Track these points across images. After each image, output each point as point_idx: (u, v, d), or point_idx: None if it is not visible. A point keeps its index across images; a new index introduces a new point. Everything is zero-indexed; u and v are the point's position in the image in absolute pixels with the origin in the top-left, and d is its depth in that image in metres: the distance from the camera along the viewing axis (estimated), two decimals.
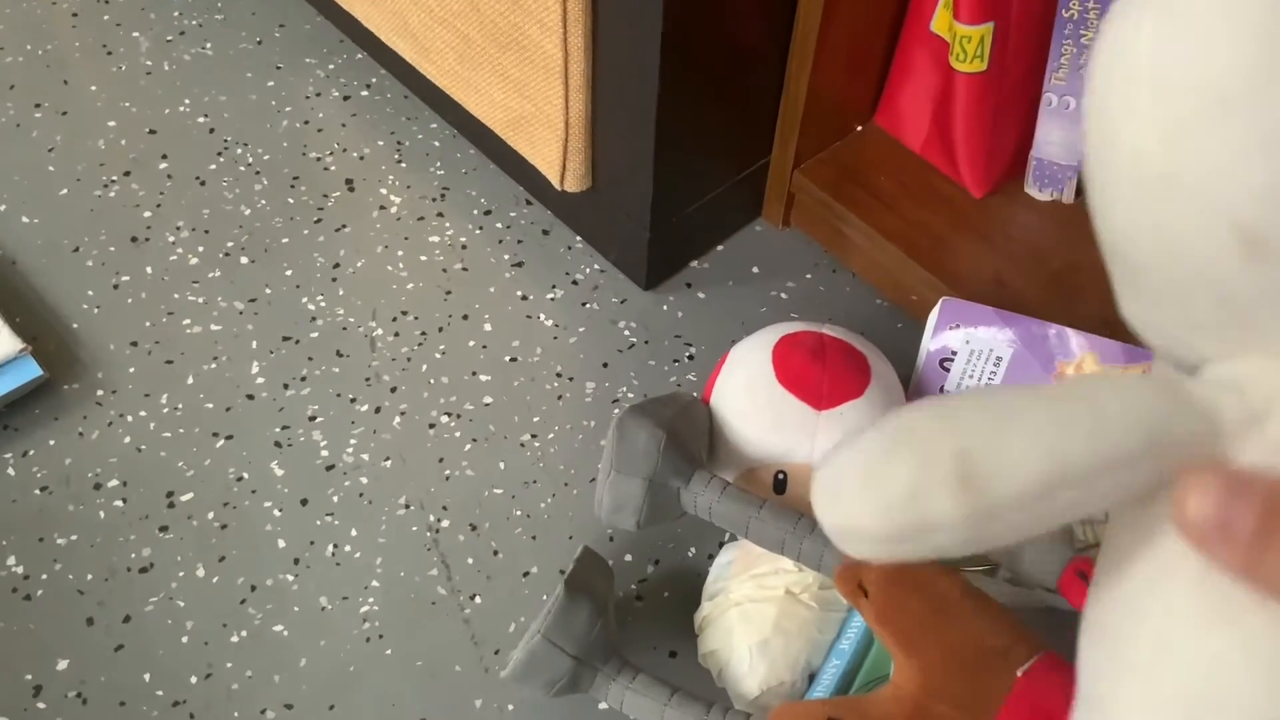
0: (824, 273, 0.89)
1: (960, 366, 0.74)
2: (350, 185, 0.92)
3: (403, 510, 0.76)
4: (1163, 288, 0.32)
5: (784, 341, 0.71)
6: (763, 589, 0.65)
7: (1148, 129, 0.30)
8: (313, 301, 0.85)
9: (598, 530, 0.75)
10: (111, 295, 0.85)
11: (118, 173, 0.92)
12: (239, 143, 0.95)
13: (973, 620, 0.56)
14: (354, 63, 1.00)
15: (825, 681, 0.63)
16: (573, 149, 0.81)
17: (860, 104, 0.87)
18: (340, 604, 0.72)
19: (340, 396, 0.81)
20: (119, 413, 0.79)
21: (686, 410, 0.69)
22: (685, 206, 0.84)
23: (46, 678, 0.68)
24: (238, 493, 0.76)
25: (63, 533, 0.74)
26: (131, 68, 0.99)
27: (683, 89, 0.74)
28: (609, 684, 0.63)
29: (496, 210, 0.91)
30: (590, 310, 0.86)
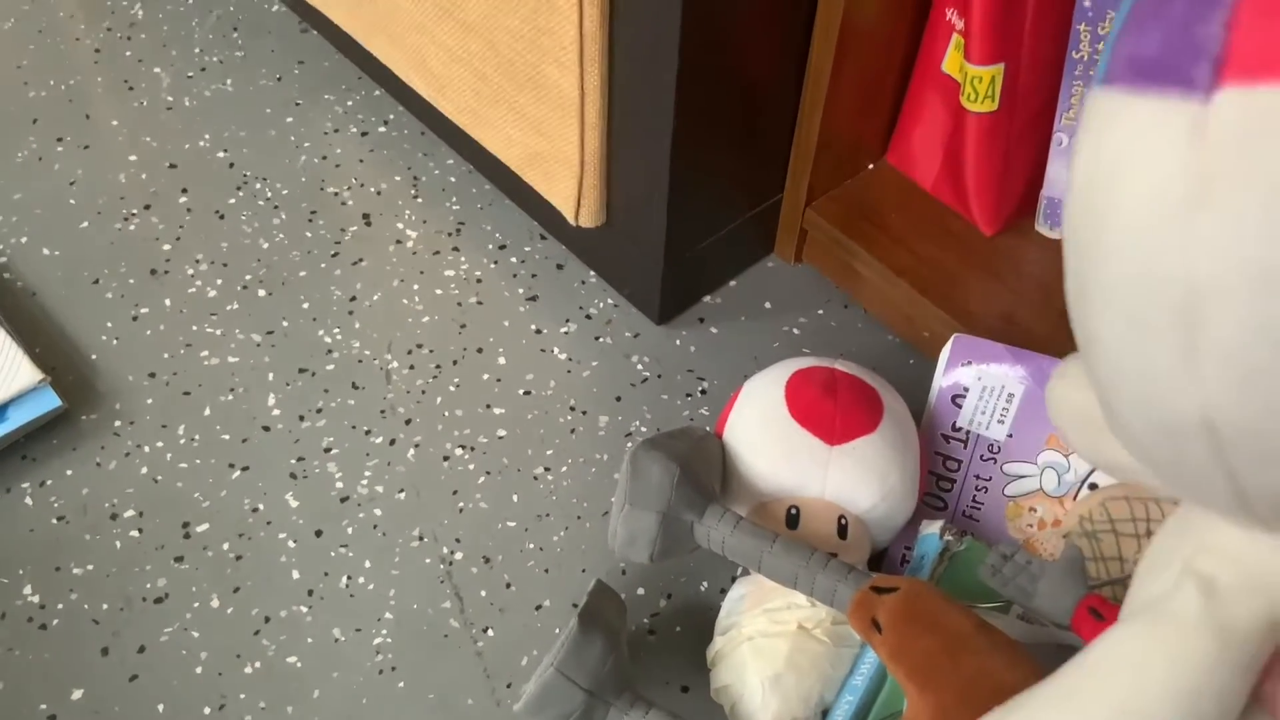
0: (836, 309, 0.89)
1: (972, 403, 0.74)
2: (367, 219, 0.93)
3: (416, 542, 0.76)
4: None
5: (796, 377, 0.72)
6: (775, 624, 0.65)
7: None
8: (329, 334, 0.86)
9: (610, 563, 0.75)
10: (130, 327, 0.86)
11: (138, 206, 0.94)
12: (258, 177, 0.96)
13: (987, 657, 0.56)
14: (372, 99, 1.02)
15: (838, 717, 0.63)
16: (588, 185, 0.81)
17: (872, 142, 0.88)
18: (353, 636, 0.72)
19: (355, 429, 0.81)
20: (136, 443, 0.80)
21: (700, 444, 0.69)
22: (698, 242, 0.85)
23: (61, 707, 0.68)
24: (253, 524, 0.76)
25: (79, 562, 0.74)
26: (153, 103, 1.01)
27: (697, 127, 0.75)
28: (622, 718, 0.63)
29: (511, 245, 0.92)
30: (604, 344, 0.87)
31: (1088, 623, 0.60)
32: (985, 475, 0.74)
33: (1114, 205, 0.35)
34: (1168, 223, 0.33)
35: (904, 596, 0.59)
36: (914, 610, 0.58)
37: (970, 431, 0.74)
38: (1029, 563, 0.63)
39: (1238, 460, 0.33)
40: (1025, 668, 0.57)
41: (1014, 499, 0.74)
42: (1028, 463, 0.73)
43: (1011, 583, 0.63)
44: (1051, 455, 0.73)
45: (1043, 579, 0.62)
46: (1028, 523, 0.73)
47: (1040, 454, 0.73)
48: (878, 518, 0.69)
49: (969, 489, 0.75)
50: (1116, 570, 0.69)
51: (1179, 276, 0.32)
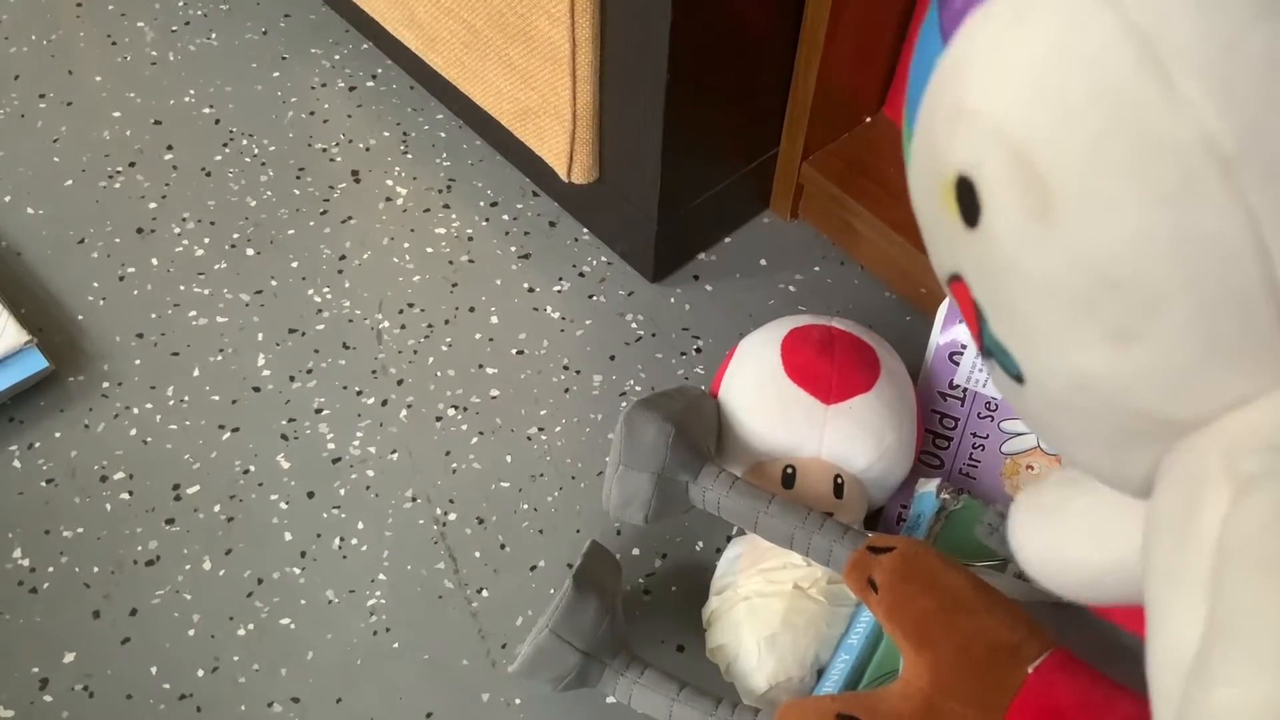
0: (832, 265, 0.88)
1: (970, 360, 0.73)
2: (356, 177, 0.92)
3: (409, 503, 0.75)
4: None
5: (792, 335, 0.71)
6: (771, 583, 0.65)
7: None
8: (319, 294, 0.85)
9: (605, 524, 0.75)
10: (117, 287, 0.85)
11: (123, 164, 0.92)
12: (244, 134, 0.94)
13: (983, 616, 0.56)
14: (359, 53, 1.00)
15: (834, 677, 0.62)
16: (580, 140, 0.80)
17: (869, 95, 0.86)
18: (347, 597, 0.71)
19: (346, 389, 0.80)
20: (125, 405, 0.79)
21: (695, 404, 0.68)
22: (693, 198, 0.84)
23: (53, 670, 0.68)
24: (244, 485, 0.76)
25: (69, 525, 0.74)
26: (136, 58, 0.99)
27: (691, 80, 0.74)
28: (617, 679, 0.62)
29: (503, 202, 0.91)
30: (597, 303, 0.86)
31: None
32: (982, 433, 0.74)
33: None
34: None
35: (900, 556, 0.58)
36: (910, 570, 0.58)
37: (967, 389, 0.74)
38: None
39: (1250, 182, 0.31)
40: (1022, 627, 0.56)
41: (1011, 456, 0.73)
42: None
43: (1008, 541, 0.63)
44: None
45: None
46: (1025, 480, 0.73)
47: None
48: (874, 477, 0.69)
49: (966, 447, 0.74)
50: None
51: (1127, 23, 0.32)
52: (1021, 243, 0.35)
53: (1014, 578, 0.66)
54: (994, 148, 0.34)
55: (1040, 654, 0.55)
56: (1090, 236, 0.33)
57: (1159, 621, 0.35)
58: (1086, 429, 0.38)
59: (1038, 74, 0.33)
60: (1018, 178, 0.34)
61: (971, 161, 0.35)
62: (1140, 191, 0.32)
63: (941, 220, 0.38)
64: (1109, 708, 0.54)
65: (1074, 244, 0.33)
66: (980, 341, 0.41)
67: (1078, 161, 0.33)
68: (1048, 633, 0.56)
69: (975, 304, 0.39)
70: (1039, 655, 0.55)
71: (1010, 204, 0.34)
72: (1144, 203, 0.32)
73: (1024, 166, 0.34)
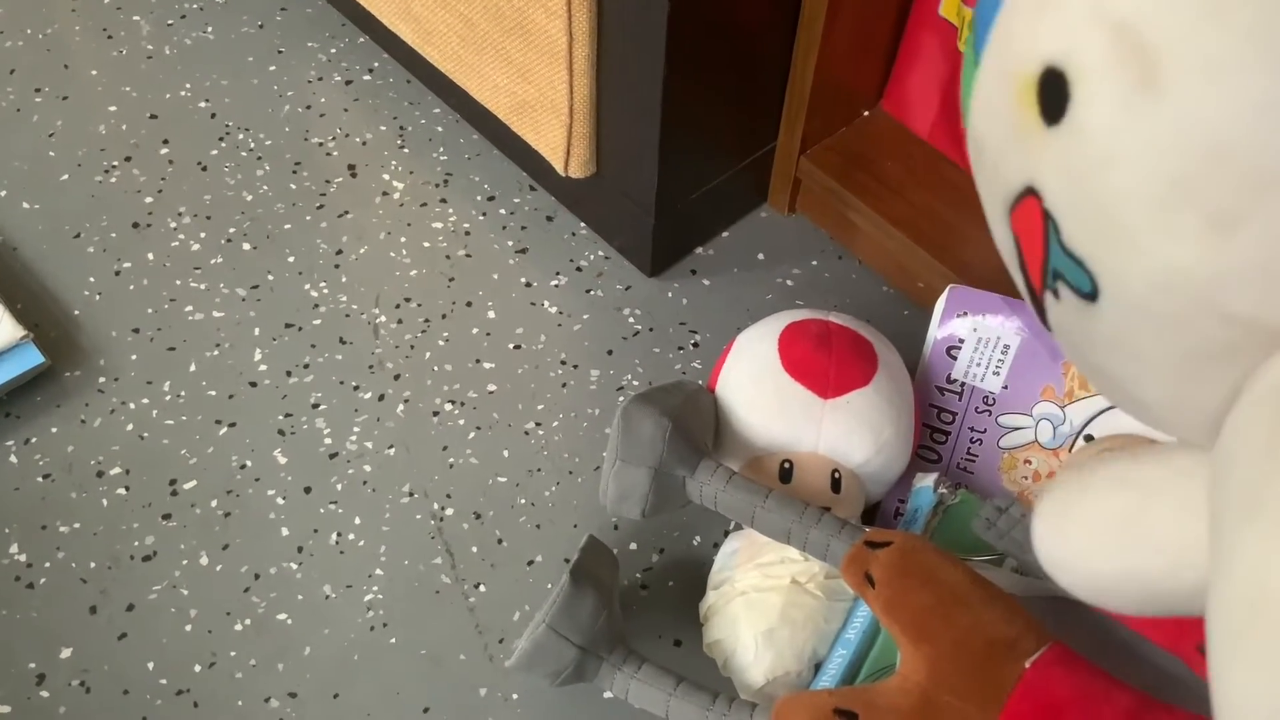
0: (830, 259, 0.88)
1: (967, 354, 0.73)
2: (353, 171, 0.92)
3: (406, 498, 0.75)
4: None
5: (790, 329, 0.71)
6: (768, 578, 0.65)
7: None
8: (315, 288, 0.85)
9: (602, 519, 0.75)
10: (113, 282, 0.85)
11: (119, 158, 0.92)
12: (240, 128, 0.94)
13: (981, 611, 0.56)
14: (356, 47, 1.00)
15: (831, 671, 0.62)
16: (577, 134, 0.80)
17: (867, 89, 0.86)
18: (344, 592, 0.71)
19: (343, 384, 0.80)
20: (121, 400, 0.79)
21: (692, 399, 0.68)
22: (690, 192, 0.83)
23: (49, 666, 0.68)
24: (241, 480, 0.76)
25: (65, 521, 0.73)
26: (132, 52, 0.99)
27: (688, 73, 0.74)
28: (614, 674, 0.62)
29: (500, 196, 0.91)
30: (594, 297, 0.85)
31: None
32: (980, 428, 0.74)
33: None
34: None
35: (898, 551, 0.58)
36: (908, 565, 0.58)
37: (965, 384, 0.74)
38: (1023, 516, 0.63)
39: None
40: (1019, 621, 0.56)
41: (1009, 451, 0.73)
42: (1023, 414, 0.73)
43: (1006, 536, 0.63)
44: (1046, 407, 0.72)
45: None
46: (1022, 475, 0.73)
47: (1035, 405, 0.72)
48: (872, 472, 0.69)
49: (963, 441, 0.74)
50: None
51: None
52: (1117, 125, 0.33)
53: (1011, 572, 0.66)
54: (1090, 27, 0.33)
55: (1038, 649, 0.55)
56: (1202, 104, 0.31)
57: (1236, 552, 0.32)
58: (1162, 346, 0.36)
59: None
60: (1119, 53, 0.32)
61: (1062, 49, 0.34)
62: (1265, 53, 0.30)
63: (1016, 127, 0.36)
64: (1106, 702, 0.54)
65: (1182, 114, 0.32)
66: (1042, 272, 0.38)
67: (1194, 24, 0.31)
68: (1045, 628, 0.56)
69: (1045, 220, 0.37)
70: (1036, 650, 0.55)
71: (1108, 83, 0.33)
72: (1266, 67, 0.30)
73: (1126, 39, 0.32)
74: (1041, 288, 0.39)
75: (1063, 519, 0.51)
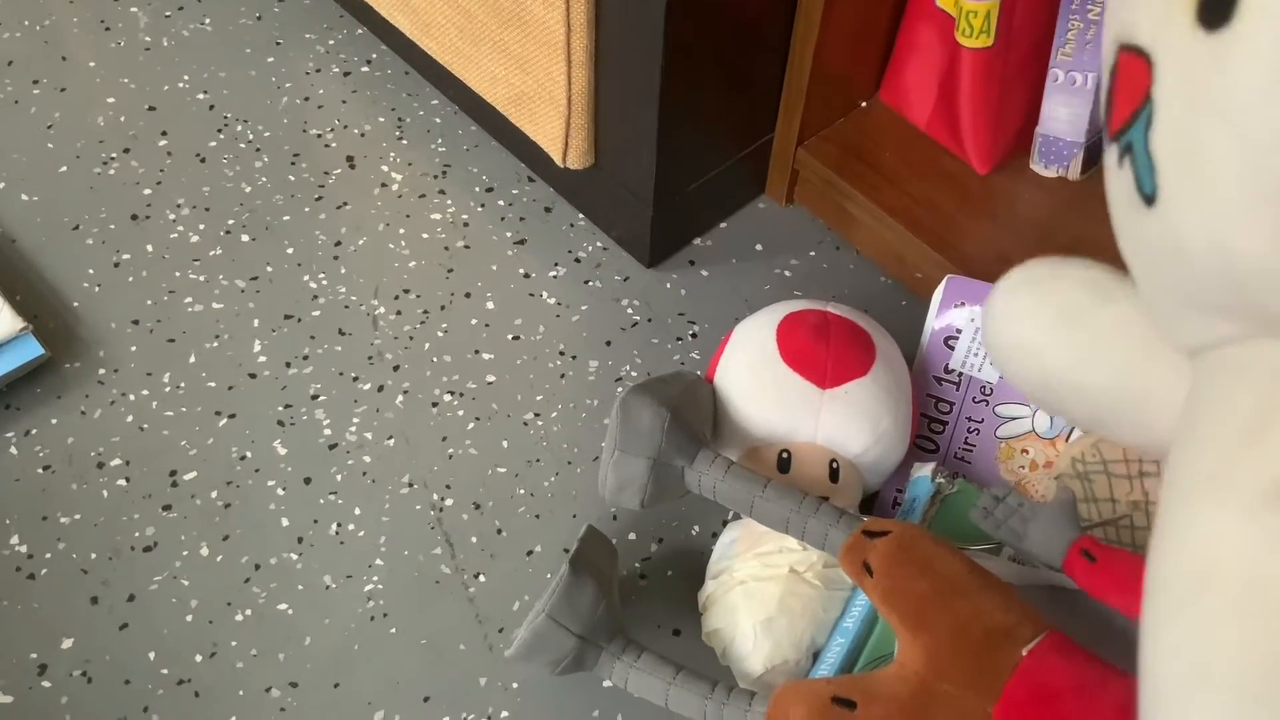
0: (828, 250, 0.88)
1: (965, 344, 0.73)
2: (351, 162, 0.92)
3: (406, 489, 0.76)
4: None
5: (788, 320, 0.71)
6: (767, 567, 0.65)
7: None
8: (314, 280, 0.85)
9: (601, 509, 0.75)
10: (112, 273, 0.85)
11: (117, 150, 0.92)
12: (239, 119, 0.94)
13: (978, 599, 0.56)
14: (354, 38, 1.00)
15: (829, 660, 0.63)
16: (575, 125, 0.80)
17: (865, 80, 0.86)
18: (344, 583, 0.72)
19: (343, 375, 0.80)
20: (121, 391, 0.79)
21: (690, 389, 0.68)
22: (689, 183, 0.84)
23: (51, 657, 0.68)
24: (241, 471, 0.76)
25: (66, 512, 0.74)
26: (130, 43, 0.99)
27: (686, 64, 0.74)
28: (614, 663, 0.63)
29: (498, 187, 0.91)
30: (593, 288, 0.86)
31: (1080, 564, 0.60)
32: (977, 417, 0.74)
33: None
34: None
35: (896, 540, 0.59)
36: (906, 554, 0.58)
37: (963, 373, 0.74)
38: (1021, 505, 0.63)
39: None
40: (1016, 610, 0.57)
41: (1006, 441, 0.73)
42: (1020, 404, 0.73)
43: (1003, 525, 0.63)
44: None
45: (1034, 521, 0.62)
46: (1020, 464, 0.73)
47: None
48: (870, 461, 0.69)
49: (961, 431, 0.74)
50: (1109, 511, 0.69)
51: None
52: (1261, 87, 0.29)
53: (1009, 561, 0.66)
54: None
55: (1035, 637, 0.55)
56: None
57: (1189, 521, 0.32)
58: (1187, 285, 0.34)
59: None
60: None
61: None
62: None
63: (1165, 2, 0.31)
64: (1103, 690, 0.54)
65: None
66: (1119, 131, 0.34)
67: None
68: (1042, 616, 0.57)
69: (1145, 98, 0.32)
70: (1034, 638, 0.55)
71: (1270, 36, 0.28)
72: None
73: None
74: (1114, 137, 0.35)
75: (1062, 316, 0.49)
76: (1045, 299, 0.50)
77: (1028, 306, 0.50)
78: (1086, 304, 0.48)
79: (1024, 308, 0.50)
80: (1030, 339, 0.50)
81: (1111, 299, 0.45)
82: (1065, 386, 0.48)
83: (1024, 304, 0.50)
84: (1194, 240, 0.32)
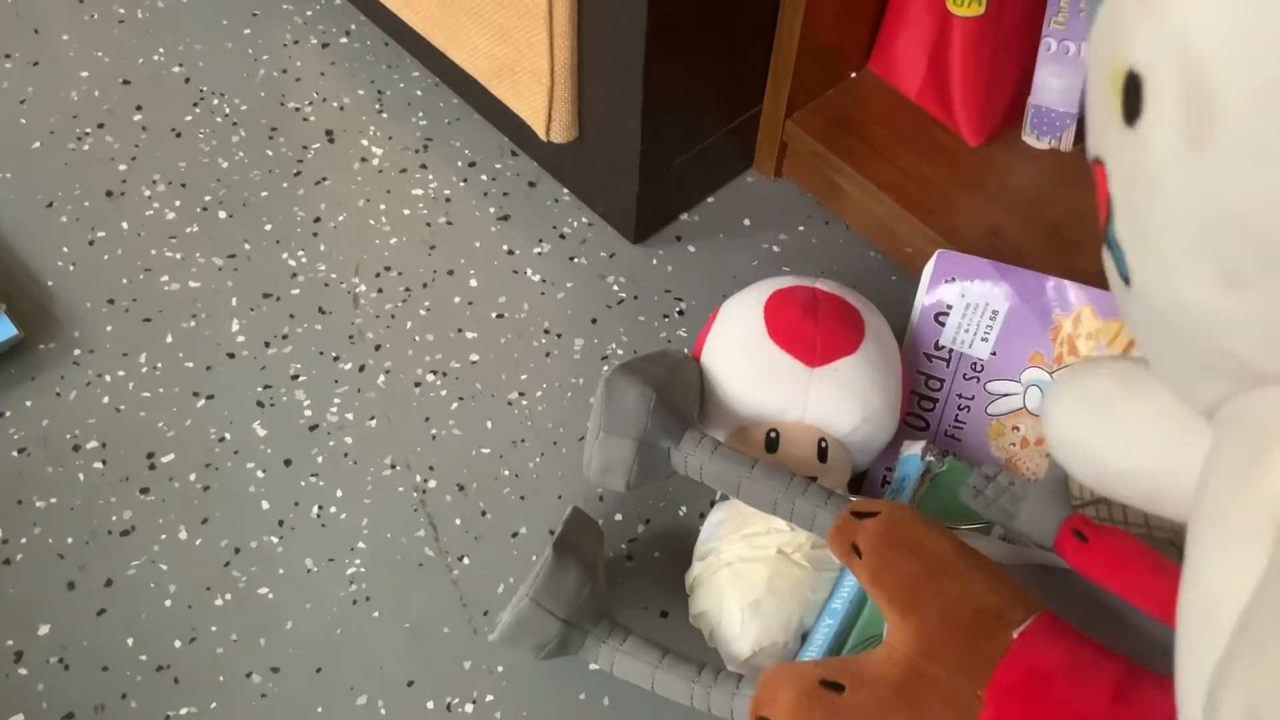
0: (817, 225, 0.87)
1: (955, 321, 0.72)
2: (330, 136, 0.90)
3: (388, 470, 0.74)
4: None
5: (776, 297, 0.70)
6: (755, 549, 0.64)
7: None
8: (293, 257, 0.83)
9: (587, 489, 0.74)
10: (87, 252, 0.83)
11: (91, 125, 0.90)
12: (215, 93, 0.92)
13: (968, 580, 0.56)
14: (332, 8, 0.97)
15: (818, 642, 0.62)
16: (558, 98, 0.78)
17: (854, 50, 0.84)
18: (326, 566, 0.71)
19: (323, 355, 0.79)
20: (97, 372, 0.77)
21: (676, 368, 0.67)
22: (675, 157, 0.82)
23: (27, 643, 0.67)
24: (219, 454, 0.74)
25: (41, 495, 0.72)
26: (104, 16, 0.96)
27: (671, 35, 0.72)
28: (599, 646, 0.62)
29: (481, 162, 0.89)
30: (578, 265, 0.84)
31: (1071, 544, 0.59)
32: (968, 394, 0.73)
33: None
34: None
35: (884, 521, 0.58)
36: (894, 535, 0.57)
37: (953, 350, 0.73)
38: (1011, 484, 0.62)
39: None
40: (1007, 591, 0.56)
41: (997, 418, 0.73)
42: (1011, 381, 0.72)
43: (994, 504, 0.62)
44: (1035, 373, 0.71)
45: (1025, 500, 0.61)
46: (1011, 441, 0.72)
47: (1024, 372, 0.72)
48: (859, 440, 0.68)
49: (951, 408, 0.73)
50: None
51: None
52: (1169, 159, 0.34)
53: (999, 540, 0.65)
54: (1173, 56, 0.33)
55: (1026, 618, 0.54)
56: (1238, 177, 0.33)
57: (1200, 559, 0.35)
58: (1173, 348, 0.39)
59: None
60: (1186, 95, 0.33)
61: (1147, 60, 0.34)
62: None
63: (1102, 104, 0.37)
64: (1095, 671, 0.53)
65: (1219, 178, 0.33)
66: (1104, 229, 0.41)
67: (1251, 102, 0.31)
68: (1033, 597, 0.56)
69: (1110, 194, 0.39)
70: (1024, 619, 0.54)
71: (1171, 118, 0.33)
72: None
73: (1196, 86, 0.32)
74: (1103, 239, 0.41)
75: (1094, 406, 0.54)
76: (1081, 394, 0.55)
77: (1066, 404, 0.56)
78: (1117, 394, 0.53)
79: (1064, 406, 0.56)
80: (1073, 434, 0.55)
81: (1141, 385, 0.51)
82: (1114, 473, 0.54)
83: (1064, 403, 0.56)
84: (1159, 303, 0.38)
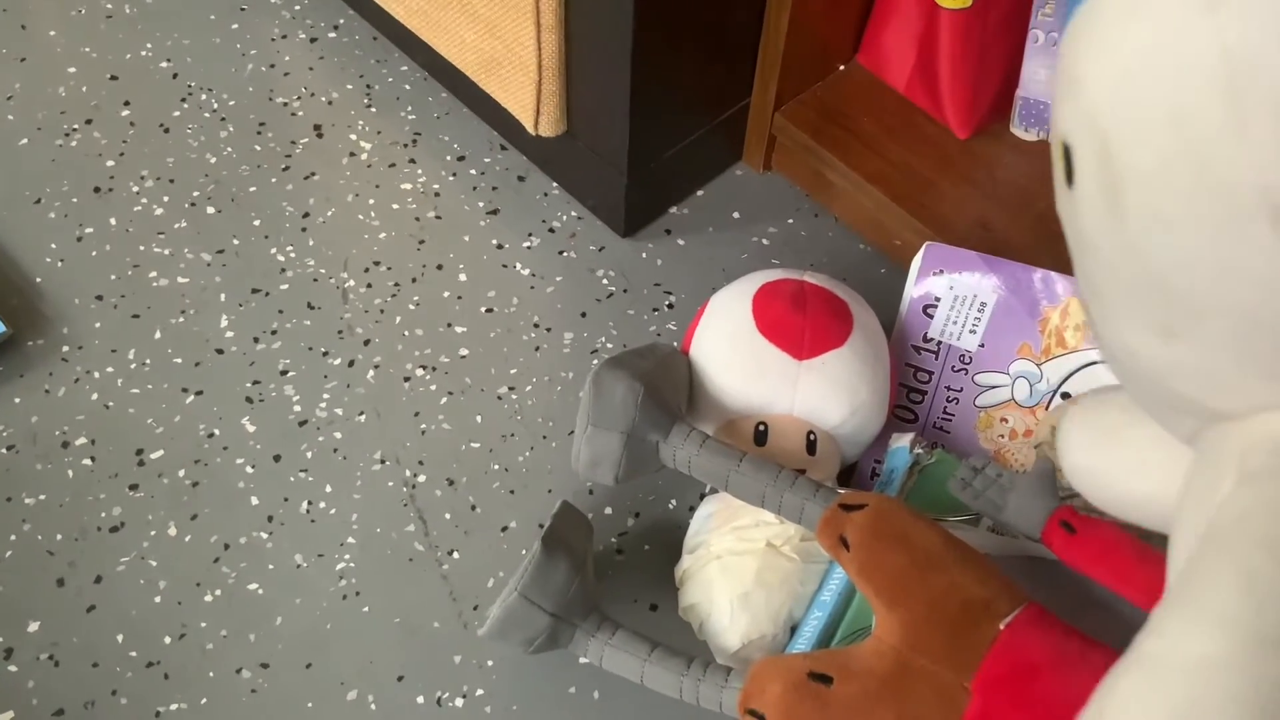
0: (806, 217, 0.87)
1: (944, 313, 0.72)
2: (319, 131, 0.90)
3: (378, 465, 0.74)
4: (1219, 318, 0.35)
5: (764, 290, 0.70)
6: (744, 541, 0.64)
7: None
8: (282, 252, 0.83)
9: (577, 483, 0.74)
10: (75, 248, 0.83)
11: (79, 121, 0.89)
12: (203, 88, 0.92)
13: (956, 572, 0.56)
14: (320, 3, 0.97)
15: (807, 634, 0.62)
16: (546, 92, 0.78)
17: (842, 42, 0.84)
18: (316, 561, 0.71)
19: (312, 350, 0.79)
20: (86, 369, 0.77)
21: (665, 362, 0.67)
22: (664, 151, 0.82)
23: (17, 640, 0.67)
24: (209, 449, 0.74)
25: (31, 492, 0.72)
26: (91, 11, 0.96)
27: (659, 27, 0.72)
28: (588, 640, 0.62)
29: (470, 156, 0.89)
30: (568, 259, 0.84)
31: (1058, 535, 0.59)
32: (956, 386, 0.73)
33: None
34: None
35: (872, 513, 0.58)
36: (882, 527, 0.57)
37: (942, 342, 0.73)
38: (999, 476, 0.62)
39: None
40: (994, 582, 0.56)
41: (985, 410, 0.73)
42: (999, 373, 0.72)
43: (982, 496, 0.62)
44: (1023, 365, 0.72)
45: (1013, 492, 0.61)
46: (999, 433, 0.72)
47: (1012, 364, 0.72)
48: (847, 433, 0.68)
49: (940, 400, 0.73)
50: None
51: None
52: (1094, 224, 0.36)
53: (987, 532, 0.65)
54: (1089, 127, 0.35)
55: (1013, 610, 0.55)
56: (1148, 243, 0.34)
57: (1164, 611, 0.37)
58: (1137, 388, 0.42)
59: (1132, 72, 0.33)
60: (1100, 167, 0.35)
61: (1071, 131, 0.36)
62: (1195, 219, 0.33)
63: (1057, 164, 0.39)
64: (1082, 662, 0.53)
65: (1134, 244, 0.35)
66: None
67: (1147, 174, 0.33)
68: (1020, 588, 0.56)
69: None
70: (1012, 611, 0.55)
71: (1092, 187, 0.36)
72: (1198, 231, 0.33)
73: (1106, 157, 0.34)
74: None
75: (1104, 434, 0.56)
76: (1091, 424, 0.57)
77: (1078, 434, 0.58)
78: (1122, 422, 0.55)
79: (1076, 436, 0.58)
80: (1084, 462, 0.57)
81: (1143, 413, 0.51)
82: (1126, 499, 0.55)
83: (1075, 432, 0.58)
84: (1114, 349, 0.40)
